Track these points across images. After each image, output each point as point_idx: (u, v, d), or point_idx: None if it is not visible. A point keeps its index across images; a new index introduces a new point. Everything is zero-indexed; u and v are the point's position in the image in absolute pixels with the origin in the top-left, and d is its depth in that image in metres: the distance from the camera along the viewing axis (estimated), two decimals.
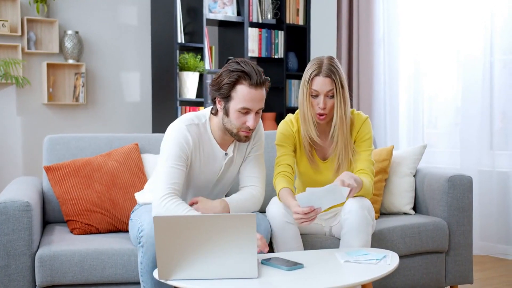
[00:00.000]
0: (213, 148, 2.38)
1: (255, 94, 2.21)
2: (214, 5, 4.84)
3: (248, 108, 2.23)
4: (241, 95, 2.21)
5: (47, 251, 2.27)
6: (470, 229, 2.84)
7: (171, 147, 2.28)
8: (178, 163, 2.27)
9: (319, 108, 2.42)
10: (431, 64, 4.49)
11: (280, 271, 2.00)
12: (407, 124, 4.62)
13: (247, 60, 2.26)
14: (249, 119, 2.25)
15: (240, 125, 2.26)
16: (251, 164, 2.45)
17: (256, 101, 2.22)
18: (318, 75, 2.40)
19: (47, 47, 4.56)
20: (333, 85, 2.40)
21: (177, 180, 2.26)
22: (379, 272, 1.99)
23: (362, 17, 4.75)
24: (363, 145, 2.52)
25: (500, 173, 4.07)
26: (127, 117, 4.91)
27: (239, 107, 2.22)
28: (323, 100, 2.41)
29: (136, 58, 4.93)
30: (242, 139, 2.31)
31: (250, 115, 2.24)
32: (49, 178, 2.66)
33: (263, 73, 2.26)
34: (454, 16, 4.30)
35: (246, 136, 2.29)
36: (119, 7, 4.85)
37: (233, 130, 2.28)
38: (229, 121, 2.27)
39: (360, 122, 2.53)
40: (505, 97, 4.07)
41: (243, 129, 2.27)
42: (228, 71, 2.23)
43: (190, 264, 1.90)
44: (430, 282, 2.78)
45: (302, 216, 2.19)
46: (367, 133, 2.52)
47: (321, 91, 2.41)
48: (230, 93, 2.23)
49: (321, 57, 2.46)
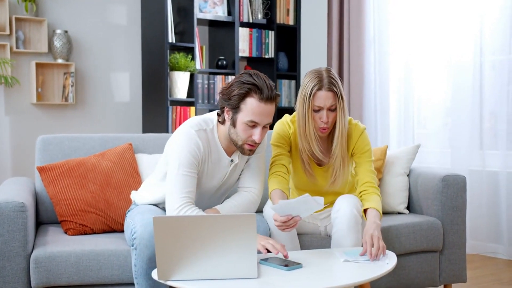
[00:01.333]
0: (219, 154, 2.35)
1: (264, 109, 2.18)
2: (204, 4, 4.83)
3: (256, 122, 2.19)
4: (250, 108, 2.18)
5: (43, 252, 2.25)
6: (463, 228, 2.86)
7: (183, 154, 2.23)
8: (191, 170, 2.24)
9: (322, 122, 2.38)
10: (421, 65, 4.52)
11: (279, 271, 2.00)
12: (398, 124, 4.65)
13: (259, 73, 2.22)
14: (256, 133, 2.21)
15: (246, 138, 2.23)
16: (251, 166, 2.44)
17: (264, 115, 2.19)
18: (321, 89, 2.35)
19: (35, 46, 4.51)
20: (335, 98, 2.36)
21: (191, 188, 2.23)
22: (378, 272, 2.00)
23: (353, 18, 4.77)
24: (364, 157, 2.51)
25: (490, 172, 4.11)
26: (117, 117, 4.88)
27: (247, 119, 2.19)
28: (326, 114, 2.37)
29: (126, 57, 4.90)
30: (246, 152, 2.27)
31: (257, 128, 2.21)
32: (42, 179, 2.64)
33: (274, 88, 2.23)
34: (444, 17, 4.34)
35: (250, 150, 2.26)
36: (108, 6, 4.82)
37: (238, 142, 2.25)
38: (235, 133, 2.24)
39: (357, 134, 2.50)
40: (494, 97, 4.11)
41: (249, 142, 2.24)
42: (239, 82, 2.20)
43: (190, 264, 1.89)
44: (424, 281, 2.80)
45: (280, 224, 2.18)
46: (366, 144, 2.51)
47: (324, 105, 2.36)
48: (239, 105, 2.19)
49: (319, 69, 2.40)
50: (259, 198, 2.43)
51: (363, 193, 2.46)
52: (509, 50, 4.00)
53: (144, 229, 2.16)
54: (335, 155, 2.44)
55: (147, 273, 2.16)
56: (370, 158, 2.52)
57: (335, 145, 2.42)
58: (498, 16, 4.05)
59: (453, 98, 4.30)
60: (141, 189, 2.52)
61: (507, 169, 4.01)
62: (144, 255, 2.15)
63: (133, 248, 2.19)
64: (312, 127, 2.39)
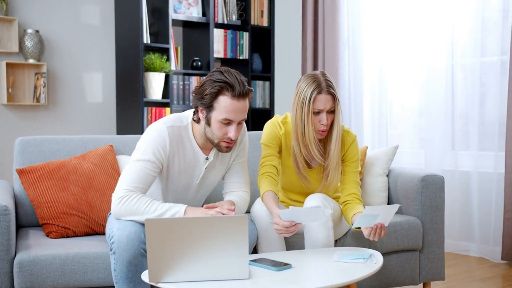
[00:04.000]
0: (194, 151, 2.35)
1: (237, 106, 2.18)
2: (179, 5, 4.81)
3: (230, 119, 2.20)
4: (224, 106, 2.18)
5: (26, 256, 2.21)
6: (442, 227, 2.91)
7: (147, 149, 2.24)
8: (148, 167, 2.23)
9: (322, 125, 2.42)
10: (395, 66, 4.59)
11: (269, 271, 2.01)
12: (371, 125, 4.71)
13: (230, 69, 2.22)
14: (231, 130, 2.22)
15: (221, 136, 2.24)
16: (236, 170, 2.45)
17: (238, 112, 2.20)
18: (320, 93, 2.39)
19: (5, 46, 4.42)
20: (334, 101, 2.43)
21: (142, 184, 2.22)
22: (367, 271, 2.03)
23: (327, 20, 4.81)
24: (352, 166, 2.57)
25: (462, 172, 4.20)
26: (90, 118, 4.81)
27: (221, 118, 2.19)
28: (326, 116, 2.41)
29: (99, 58, 4.84)
30: (223, 150, 2.28)
31: (232, 126, 2.22)
32: (22, 181, 2.59)
33: (246, 83, 2.23)
34: (418, 21, 4.41)
35: (227, 147, 2.27)
36: (80, 6, 4.75)
37: (215, 140, 2.26)
38: (210, 131, 2.24)
39: (349, 141, 2.56)
40: (465, 99, 4.20)
41: (225, 140, 2.25)
42: (211, 81, 2.19)
43: (181, 266, 1.88)
44: (405, 280, 2.84)
45: (282, 228, 2.21)
46: (355, 153, 2.57)
47: (324, 108, 2.41)
48: (212, 104, 2.19)
49: (314, 74, 2.44)
50: (249, 200, 2.46)
51: (347, 202, 2.52)
52: (480, 53, 4.09)
53: (121, 233, 2.14)
54: (331, 157, 2.48)
55: (127, 277, 2.14)
56: (357, 168, 2.58)
57: (333, 146, 2.46)
58: (470, 20, 4.14)
59: (426, 99, 4.38)
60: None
61: (479, 169, 4.10)
62: (123, 259, 2.13)
63: (111, 253, 2.17)
64: (311, 130, 2.42)
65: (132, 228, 2.14)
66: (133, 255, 2.12)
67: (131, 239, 2.12)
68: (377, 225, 2.26)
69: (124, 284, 2.15)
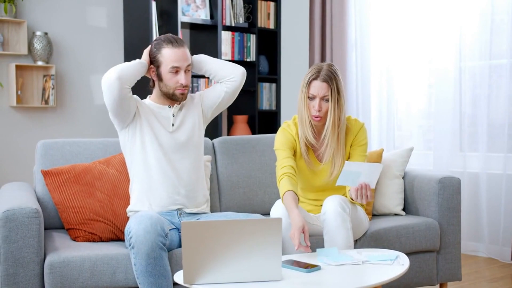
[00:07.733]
0: (159, 108, 2.59)
1: (178, 53, 2.50)
2: (187, 8, 4.82)
3: (177, 67, 2.50)
4: (168, 57, 2.50)
5: (56, 258, 2.23)
6: (459, 229, 2.95)
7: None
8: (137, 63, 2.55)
9: (314, 110, 2.56)
10: (402, 69, 4.63)
11: (300, 273, 2.04)
12: (379, 127, 4.75)
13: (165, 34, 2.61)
14: (180, 77, 2.51)
15: (174, 85, 2.52)
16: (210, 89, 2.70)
17: (182, 59, 2.51)
18: (316, 79, 2.55)
19: (14, 48, 4.43)
20: (329, 90, 2.54)
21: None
22: (396, 272, 2.06)
23: (335, 22, 4.84)
24: (359, 149, 2.67)
25: (470, 174, 4.24)
26: (98, 120, 4.82)
27: (169, 67, 2.50)
28: (318, 103, 2.55)
29: (107, 60, 4.85)
30: (178, 98, 2.55)
31: (180, 73, 2.51)
32: (47, 183, 2.60)
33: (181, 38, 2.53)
34: (426, 23, 4.45)
35: (181, 93, 2.54)
36: (90, 8, 4.76)
37: (170, 91, 2.54)
38: (164, 85, 2.54)
39: (357, 128, 2.68)
40: (474, 101, 4.25)
41: (178, 88, 2.53)
42: (153, 44, 2.57)
43: (215, 268, 1.90)
44: (422, 280, 2.88)
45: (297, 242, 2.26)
46: (363, 138, 2.68)
47: (317, 94, 2.55)
48: (159, 59, 2.51)
49: (322, 63, 2.61)
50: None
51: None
52: (488, 56, 4.14)
53: (138, 226, 2.19)
54: (326, 143, 2.60)
55: (147, 270, 2.18)
56: (365, 152, 2.67)
57: (325, 132, 2.58)
58: (478, 22, 4.18)
59: (434, 101, 4.42)
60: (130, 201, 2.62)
61: (487, 170, 4.15)
62: (142, 252, 2.17)
63: (130, 248, 2.21)
64: (307, 113, 2.59)
65: (148, 222, 2.21)
66: (151, 248, 2.17)
67: (148, 232, 2.18)
68: (361, 184, 2.35)
69: (145, 278, 2.19)
